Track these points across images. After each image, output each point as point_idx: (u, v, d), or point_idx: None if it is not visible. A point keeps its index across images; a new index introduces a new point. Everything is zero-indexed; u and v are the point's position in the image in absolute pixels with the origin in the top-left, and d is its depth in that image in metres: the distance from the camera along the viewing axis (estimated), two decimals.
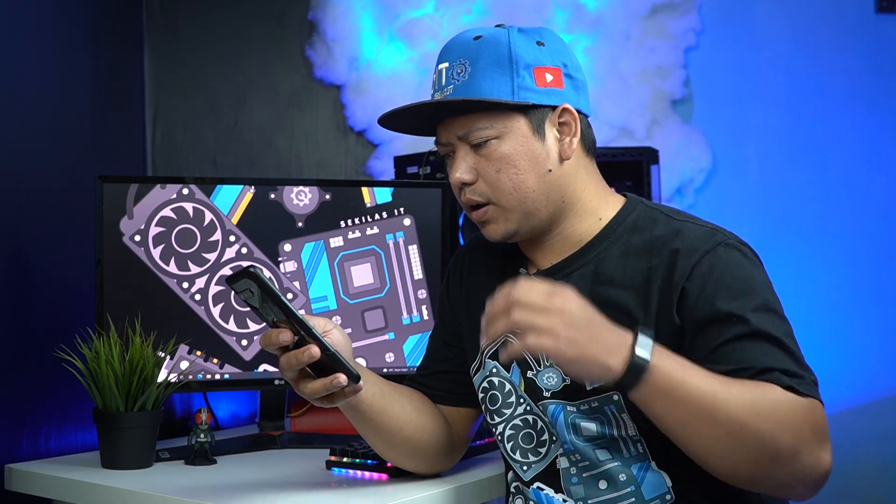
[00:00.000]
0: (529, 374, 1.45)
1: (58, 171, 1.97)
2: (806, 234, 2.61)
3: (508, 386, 1.48)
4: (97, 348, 1.69)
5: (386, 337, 1.99)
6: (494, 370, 1.50)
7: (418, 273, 2.01)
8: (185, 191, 1.91)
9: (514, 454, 1.49)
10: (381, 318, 1.99)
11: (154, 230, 1.89)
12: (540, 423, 1.46)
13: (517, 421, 1.48)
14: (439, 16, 2.55)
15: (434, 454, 1.58)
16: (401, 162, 2.30)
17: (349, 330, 1.98)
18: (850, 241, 2.61)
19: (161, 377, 1.74)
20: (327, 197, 1.97)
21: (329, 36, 2.52)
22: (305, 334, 1.32)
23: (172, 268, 1.90)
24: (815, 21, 2.64)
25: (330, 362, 1.34)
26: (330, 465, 1.71)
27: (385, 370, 1.99)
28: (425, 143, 2.37)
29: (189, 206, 1.91)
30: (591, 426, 1.40)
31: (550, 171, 1.43)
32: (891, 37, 2.63)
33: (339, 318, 1.97)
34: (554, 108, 1.44)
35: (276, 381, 1.95)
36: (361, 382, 1.40)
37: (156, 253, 1.89)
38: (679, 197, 2.62)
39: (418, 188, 2.04)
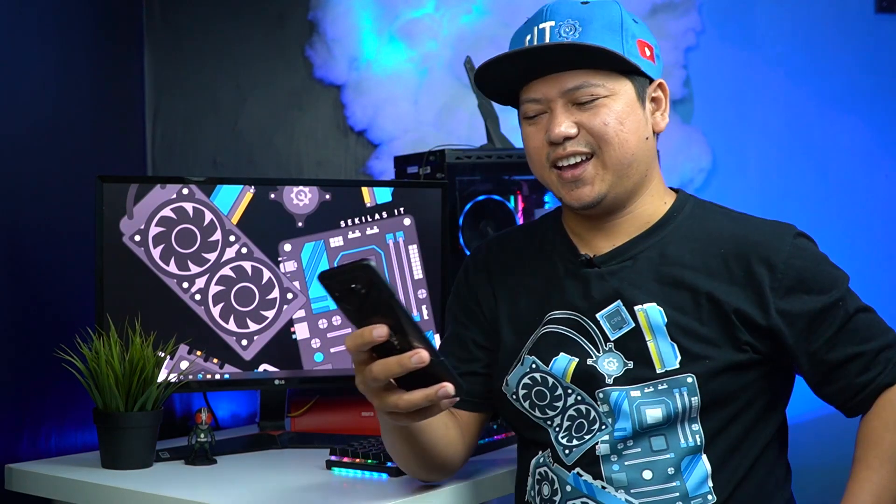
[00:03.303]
0: (589, 361, 1.43)
1: (58, 171, 1.97)
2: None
3: (552, 380, 1.46)
4: (97, 348, 1.69)
5: None
6: (534, 365, 1.47)
7: (418, 273, 2.01)
8: (185, 191, 1.91)
9: (563, 439, 1.45)
10: None
11: (154, 230, 1.89)
12: (593, 413, 1.43)
13: (571, 412, 1.45)
14: (439, 16, 2.55)
15: (453, 467, 1.55)
16: (401, 162, 2.30)
17: (349, 330, 1.98)
18: (850, 241, 2.61)
19: (161, 377, 1.74)
20: (327, 197, 1.98)
21: (329, 36, 2.52)
22: (414, 338, 1.16)
23: (172, 268, 1.90)
24: (815, 21, 2.65)
25: (434, 370, 1.17)
26: (330, 465, 1.71)
27: None
28: (425, 143, 2.37)
29: (189, 206, 1.91)
30: (656, 412, 1.39)
31: (647, 139, 1.46)
32: (891, 37, 2.63)
33: (339, 317, 1.97)
34: (651, 81, 1.48)
35: (276, 381, 1.95)
36: None
37: (156, 253, 1.89)
38: None
39: (418, 188, 2.04)
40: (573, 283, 1.48)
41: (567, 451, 1.44)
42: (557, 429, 1.46)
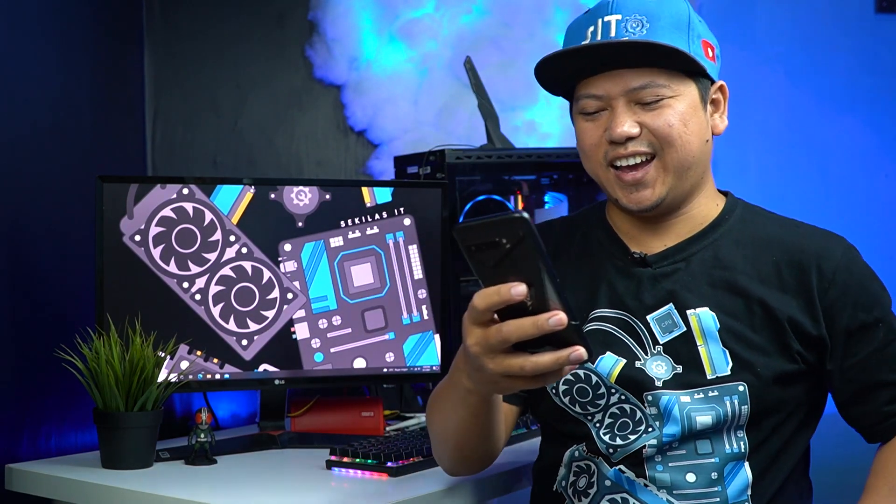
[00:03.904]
0: (637, 363, 1.41)
1: (58, 171, 1.97)
2: None
3: (595, 378, 1.43)
4: (97, 348, 1.69)
5: (386, 337, 1.99)
6: None
7: (418, 273, 2.01)
8: (185, 191, 1.91)
9: (605, 437, 1.43)
10: (381, 318, 1.99)
11: (154, 230, 1.89)
12: (639, 414, 1.41)
13: (614, 409, 1.42)
14: (439, 16, 2.55)
15: (493, 457, 1.49)
16: (401, 162, 2.30)
17: (349, 330, 1.98)
18: (850, 241, 2.61)
19: (161, 377, 1.74)
20: (327, 197, 1.97)
21: (329, 36, 2.52)
22: (554, 299, 1.07)
23: (172, 268, 1.90)
24: (815, 21, 2.65)
25: (565, 332, 1.08)
26: (330, 465, 1.71)
27: (385, 370, 1.99)
28: (425, 143, 2.37)
29: (189, 206, 1.91)
30: (706, 419, 1.37)
31: (707, 141, 1.44)
32: (891, 37, 2.63)
33: (339, 317, 1.97)
34: (712, 82, 1.45)
35: (276, 381, 1.95)
36: None
37: (156, 253, 1.89)
38: None
39: (418, 188, 2.04)
40: (624, 282, 1.45)
41: (612, 450, 1.41)
42: (598, 425, 1.43)
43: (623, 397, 1.42)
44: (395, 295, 1.99)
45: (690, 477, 1.38)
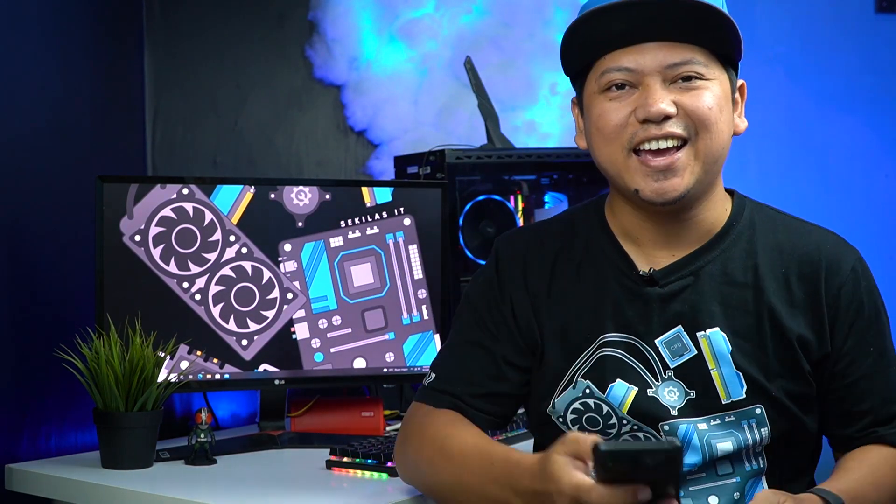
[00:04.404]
0: (650, 392, 1.32)
1: (58, 171, 1.97)
2: None
3: (606, 408, 1.34)
4: (97, 348, 1.69)
5: (386, 337, 1.99)
6: (588, 390, 1.34)
7: (418, 273, 2.01)
8: (185, 191, 1.91)
9: None
10: (381, 318, 1.99)
11: (154, 230, 1.89)
12: None
13: (626, 438, 1.34)
14: (439, 16, 2.55)
15: None
16: (401, 162, 2.30)
17: (349, 330, 1.98)
18: (850, 241, 2.61)
19: (161, 377, 1.74)
20: (327, 197, 1.97)
21: (329, 36, 2.52)
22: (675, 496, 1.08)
23: (172, 268, 1.90)
24: (815, 21, 2.65)
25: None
26: (330, 465, 1.71)
27: (385, 370, 1.99)
28: (425, 143, 2.37)
29: (189, 206, 1.91)
30: (727, 445, 1.31)
31: (731, 136, 1.34)
32: (890, 37, 2.63)
33: (339, 317, 1.97)
34: (737, 79, 1.37)
35: (276, 381, 1.95)
36: None
37: (156, 253, 1.89)
38: None
39: (418, 188, 2.04)
40: (631, 304, 1.35)
41: None
42: None
43: (636, 427, 1.33)
44: (395, 295, 1.99)
45: (713, 500, 1.33)
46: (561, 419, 1.37)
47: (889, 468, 1.34)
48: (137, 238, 1.88)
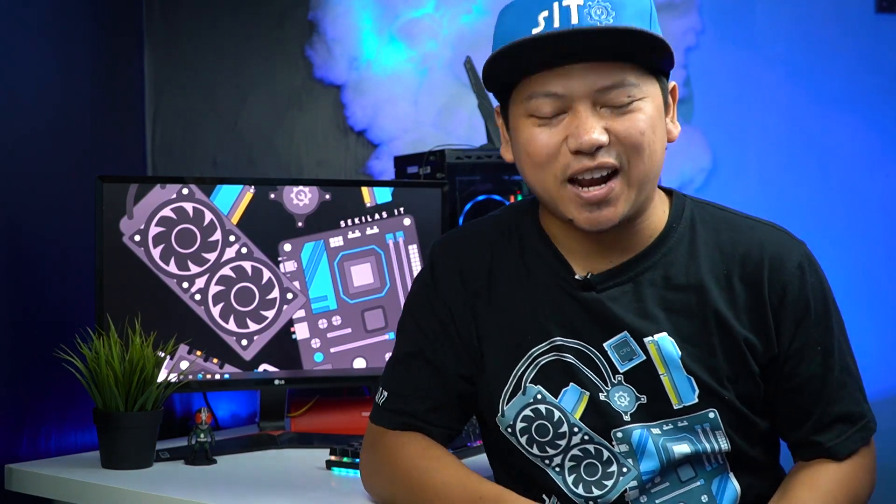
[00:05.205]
0: (601, 396, 1.29)
1: (58, 171, 1.97)
2: (806, 234, 2.60)
3: (558, 414, 1.31)
4: (97, 348, 1.69)
5: (386, 337, 1.99)
6: (539, 396, 1.31)
7: None
8: (185, 191, 1.91)
9: (577, 488, 1.31)
10: (381, 318, 1.99)
11: (154, 230, 1.89)
12: (606, 454, 1.30)
13: (576, 451, 1.31)
14: (439, 16, 2.55)
15: None
16: (401, 162, 2.30)
17: (349, 330, 1.98)
18: (850, 241, 2.61)
19: (161, 377, 1.74)
20: (327, 197, 1.97)
21: (329, 36, 2.52)
22: None
23: (172, 268, 1.90)
24: (815, 21, 2.65)
25: None
26: (330, 465, 1.71)
27: None
28: (425, 143, 2.37)
29: (189, 206, 1.91)
30: (683, 448, 1.29)
31: (665, 148, 1.28)
32: (891, 37, 2.63)
33: (339, 317, 1.97)
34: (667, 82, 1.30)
35: (276, 381, 1.95)
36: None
37: (156, 253, 1.89)
38: None
39: (418, 188, 2.04)
40: (573, 308, 1.31)
41: (592, 502, 1.31)
42: (558, 469, 1.32)
43: (587, 437, 1.30)
44: (395, 295, 1.99)
45: None
46: (510, 429, 1.34)
47: (840, 493, 1.31)
48: (137, 238, 1.88)
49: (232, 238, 1.93)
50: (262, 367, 1.94)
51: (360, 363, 1.98)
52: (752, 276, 1.30)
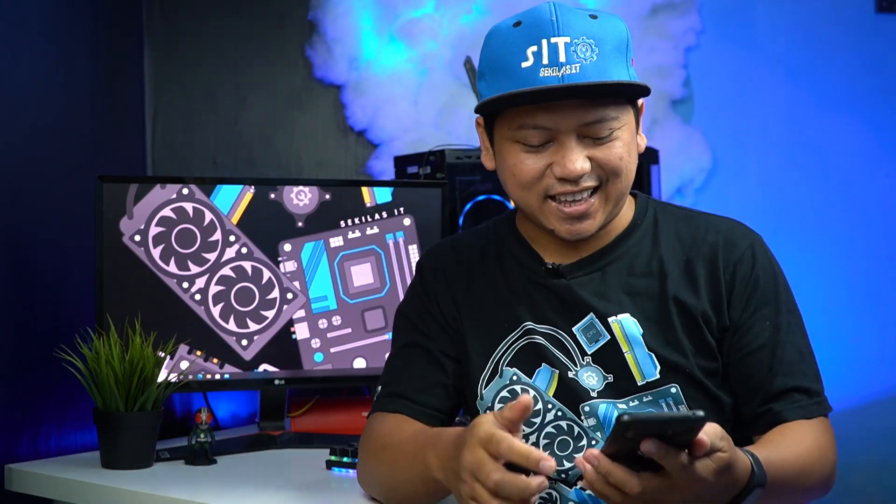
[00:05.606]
0: (570, 374, 1.38)
1: (58, 171, 1.97)
2: (806, 234, 2.61)
3: (533, 393, 1.40)
4: (97, 348, 1.69)
5: (386, 337, 1.99)
6: (515, 377, 1.41)
7: None
8: (185, 191, 1.91)
9: None
10: (381, 318, 1.99)
11: (154, 230, 1.89)
12: (577, 429, 1.39)
13: (550, 429, 1.40)
14: (439, 16, 2.55)
15: None
16: (401, 162, 2.30)
17: (349, 330, 1.98)
18: (850, 241, 2.61)
19: (161, 377, 1.74)
20: (327, 197, 1.98)
21: (329, 36, 2.52)
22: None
23: (172, 268, 1.90)
24: (815, 21, 2.65)
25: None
26: (330, 465, 1.71)
27: None
28: (425, 143, 2.37)
29: (189, 206, 1.91)
30: None
31: (637, 163, 1.40)
32: (891, 37, 2.63)
33: (339, 317, 1.97)
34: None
35: (276, 381, 1.95)
36: None
37: (156, 253, 1.89)
38: (679, 197, 2.62)
39: (418, 188, 2.04)
40: (543, 295, 1.42)
41: (564, 474, 1.39)
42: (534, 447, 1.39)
43: (560, 413, 1.39)
44: (395, 295, 1.99)
45: None
46: (489, 411, 1.38)
47: (808, 442, 1.34)
48: (137, 238, 1.88)
49: (232, 238, 1.93)
50: (262, 367, 1.94)
51: (360, 363, 1.98)
52: (709, 256, 1.40)
